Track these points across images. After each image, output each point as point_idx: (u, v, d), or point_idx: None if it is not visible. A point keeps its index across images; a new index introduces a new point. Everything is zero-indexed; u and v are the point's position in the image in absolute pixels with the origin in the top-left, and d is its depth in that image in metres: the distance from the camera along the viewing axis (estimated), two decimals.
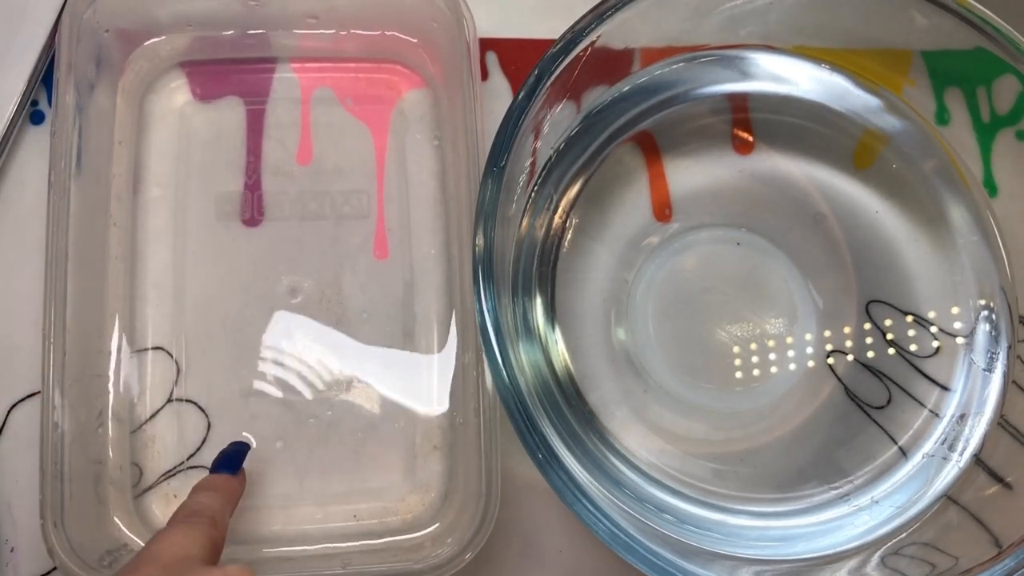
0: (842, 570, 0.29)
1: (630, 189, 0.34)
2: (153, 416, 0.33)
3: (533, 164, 0.32)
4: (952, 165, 0.33)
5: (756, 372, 0.33)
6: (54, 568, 0.32)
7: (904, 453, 0.32)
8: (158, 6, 0.34)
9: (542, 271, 0.33)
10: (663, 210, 0.34)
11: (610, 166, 0.34)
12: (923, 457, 0.32)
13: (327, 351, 0.34)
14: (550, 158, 0.33)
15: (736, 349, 0.33)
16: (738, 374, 0.33)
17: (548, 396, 0.31)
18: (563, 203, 0.33)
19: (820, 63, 0.34)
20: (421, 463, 0.33)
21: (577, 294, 0.33)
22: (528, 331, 0.32)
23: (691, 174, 0.34)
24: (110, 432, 0.32)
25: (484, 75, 0.36)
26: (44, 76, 0.35)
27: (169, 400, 0.33)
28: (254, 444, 0.33)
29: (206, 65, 0.35)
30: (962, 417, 0.32)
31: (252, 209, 0.35)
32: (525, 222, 0.32)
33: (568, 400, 0.32)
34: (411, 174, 0.35)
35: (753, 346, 0.33)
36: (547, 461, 0.26)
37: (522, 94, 0.28)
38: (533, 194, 0.32)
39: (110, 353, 0.33)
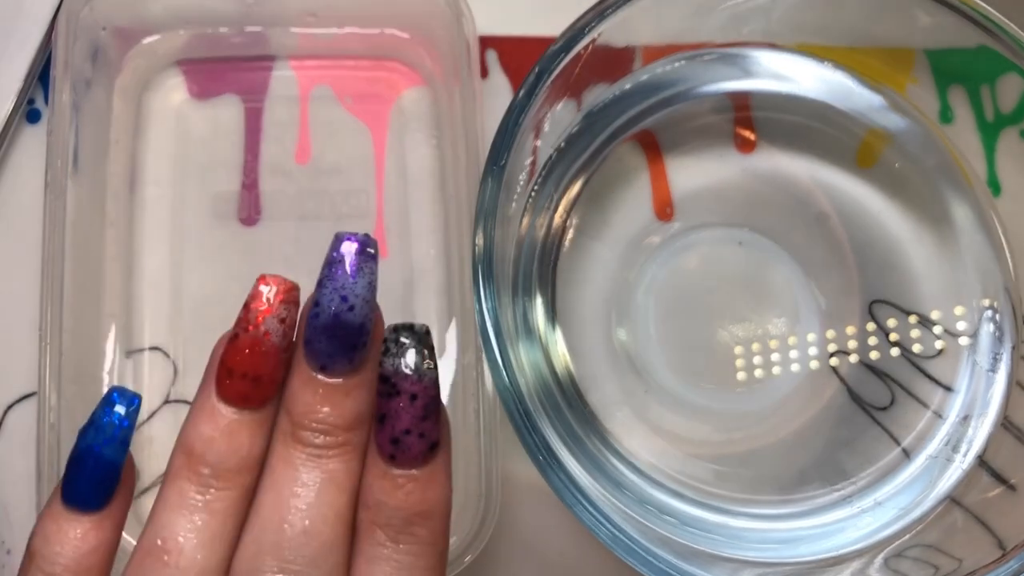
0: (845, 572, 0.29)
1: (631, 188, 0.34)
2: (150, 417, 0.32)
3: (533, 163, 0.31)
4: (955, 164, 0.33)
5: (758, 373, 0.32)
6: None
7: (907, 455, 0.32)
8: (155, 3, 0.34)
9: (542, 271, 0.32)
10: (664, 209, 0.34)
11: (611, 165, 0.34)
12: (926, 459, 0.32)
13: None
14: (551, 157, 0.32)
15: (738, 350, 0.33)
16: (740, 375, 0.32)
17: (548, 397, 0.31)
18: (564, 202, 0.33)
19: (823, 61, 0.34)
20: None
21: (578, 294, 0.33)
22: (528, 331, 0.31)
23: (693, 173, 0.34)
24: None
25: (484, 73, 0.36)
26: (41, 74, 0.35)
27: (166, 401, 0.33)
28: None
29: (204, 63, 0.35)
30: (965, 418, 0.32)
31: (250, 208, 0.34)
32: (525, 221, 0.32)
33: (569, 401, 0.32)
34: (410, 173, 0.35)
35: (755, 346, 0.33)
36: (547, 462, 0.26)
37: (522, 92, 0.28)
38: (533, 193, 0.32)
39: (106, 354, 0.32)
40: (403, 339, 0.21)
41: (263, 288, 0.21)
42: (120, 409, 0.21)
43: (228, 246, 0.34)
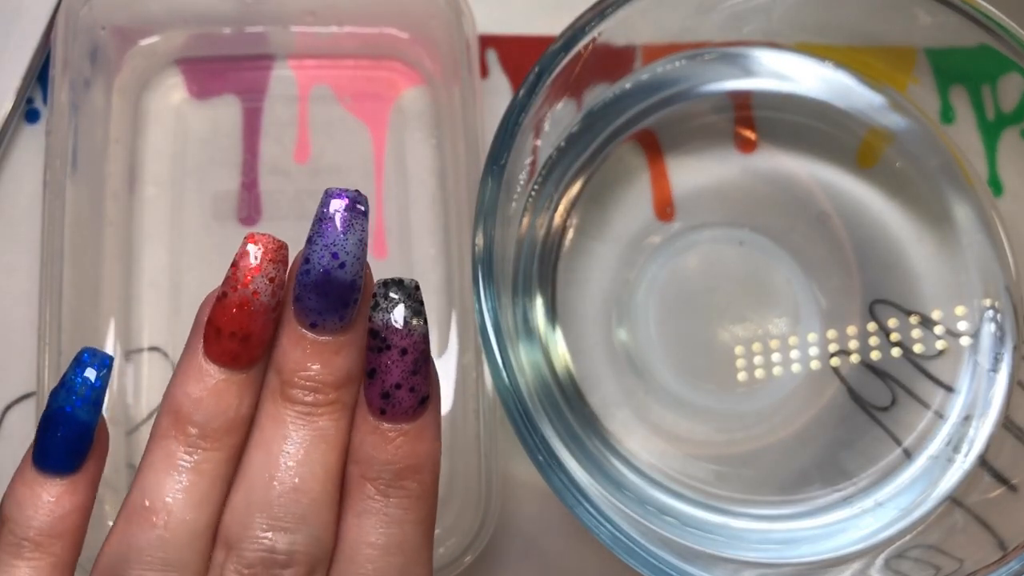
0: (846, 573, 0.29)
1: (632, 188, 0.34)
2: (149, 417, 0.32)
3: (533, 163, 0.31)
4: (956, 163, 0.33)
5: (759, 373, 0.32)
6: None
7: (908, 455, 0.32)
8: (154, 3, 0.34)
9: (543, 271, 0.32)
10: (665, 209, 0.34)
11: (611, 165, 0.33)
12: (927, 459, 0.31)
13: None
14: (551, 156, 0.32)
15: (739, 350, 0.32)
16: (741, 375, 0.32)
17: (548, 397, 0.31)
18: (564, 202, 0.33)
19: (823, 60, 0.33)
20: None
21: (578, 294, 0.33)
22: (528, 331, 0.31)
23: (693, 173, 0.34)
24: None
25: (484, 72, 0.36)
26: (39, 74, 0.35)
27: None
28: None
29: (203, 62, 0.35)
30: (967, 418, 0.32)
31: (249, 208, 0.34)
32: (525, 221, 0.32)
33: (569, 401, 0.31)
34: (410, 172, 0.35)
35: (756, 347, 0.32)
36: (548, 463, 0.26)
37: (522, 91, 0.28)
38: (533, 193, 0.32)
39: None
40: (392, 294, 0.21)
41: (251, 247, 0.21)
42: (91, 370, 0.21)
43: (228, 246, 0.34)
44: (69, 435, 0.21)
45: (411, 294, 0.21)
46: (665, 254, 0.33)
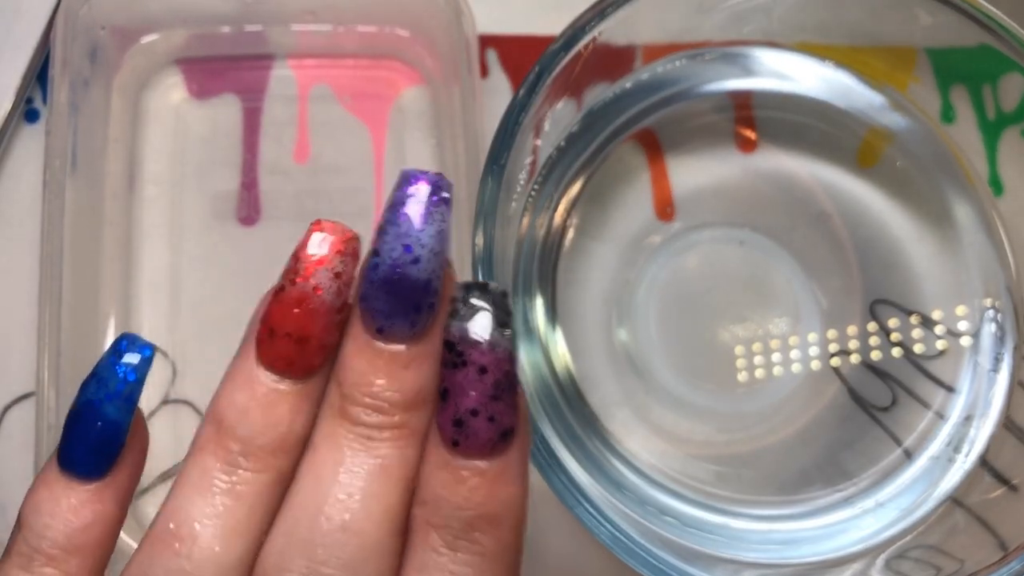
0: (846, 574, 0.29)
1: (632, 188, 0.34)
2: (149, 418, 0.32)
3: (533, 162, 0.31)
4: (957, 163, 0.33)
5: (759, 373, 0.32)
6: None
7: (909, 455, 0.32)
8: (154, 2, 0.34)
9: (543, 271, 0.32)
10: (665, 209, 0.34)
11: (611, 164, 0.33)
12: (928, 459, 0.31)
13: None
14: (551, 156, 0.32)
15: (739, 350, 0.32)
16: (741, 375, 0.32)
17: (548, 397, 0.31)
18: (564, 202, 0.33)
19: (824, 60, 0.33)
20: None
21: (578, 294, 0.33)
22: (528, 331, 0.31)
23: (693, 173, 0.34)
24: None
25: (484, 72, 0.36)
26: (39, 74, 0.35)
27: (164, 402, 0.33)
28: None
29: (202, 62, 0.35)
30: (967, 419, 0.32)
31: (249, 208, 0.34)
32: (525, 221, 0.32)
33: (569, 401, 0.31)
34: None
35: (756, 347, 0.32)
36: (548, 463, 0.26)
37: (522, 91, 0.28)
38: (533, 193, 0.32)
39: None
40: (474, 300, 0.17)
41: (316, 235, 0.18)
42: (129, 360, 0.18)
43: (227, 246, 0.34)
44: (97, 434, 0.18)
45: (497, 301, 0.18)
46: (665, 254, 0.33)
